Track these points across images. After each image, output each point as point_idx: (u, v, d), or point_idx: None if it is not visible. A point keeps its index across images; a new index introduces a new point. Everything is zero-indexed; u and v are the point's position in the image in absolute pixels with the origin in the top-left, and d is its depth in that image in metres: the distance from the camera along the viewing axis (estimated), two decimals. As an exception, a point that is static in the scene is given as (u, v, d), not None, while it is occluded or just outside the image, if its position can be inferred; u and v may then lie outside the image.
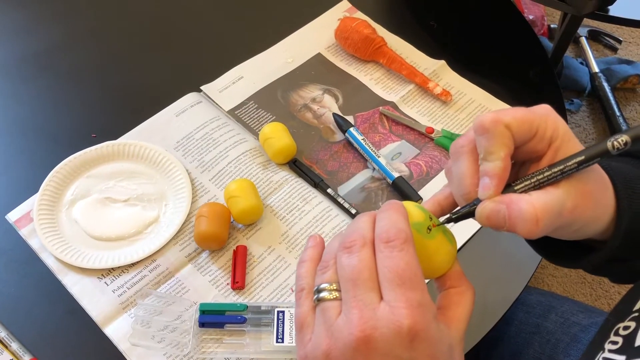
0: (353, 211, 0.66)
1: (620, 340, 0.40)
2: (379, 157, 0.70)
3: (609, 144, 0.34)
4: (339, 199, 0.67)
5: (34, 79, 0.80)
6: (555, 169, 0.36)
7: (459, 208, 0.38)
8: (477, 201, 0.37)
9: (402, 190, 0.68)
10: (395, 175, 0.68)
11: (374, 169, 0.70)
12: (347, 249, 0.35)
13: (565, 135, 0.37)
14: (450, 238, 0.39)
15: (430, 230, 0.37)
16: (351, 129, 0.72)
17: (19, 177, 0.70)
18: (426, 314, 0.32)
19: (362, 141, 0.71)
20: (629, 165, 0.42)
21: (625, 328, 0.40)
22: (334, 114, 0.75)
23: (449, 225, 0.39)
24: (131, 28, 0.86)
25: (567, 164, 0.35)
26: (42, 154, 0.72)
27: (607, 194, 0.39)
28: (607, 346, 0.40)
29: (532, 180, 0.36)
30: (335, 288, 0.34)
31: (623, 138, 0.34)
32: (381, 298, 0.33)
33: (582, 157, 0.35)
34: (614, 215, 0.39)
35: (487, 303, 0.62)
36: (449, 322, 0.36)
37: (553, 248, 0.45)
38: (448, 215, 0.39)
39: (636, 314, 0.40)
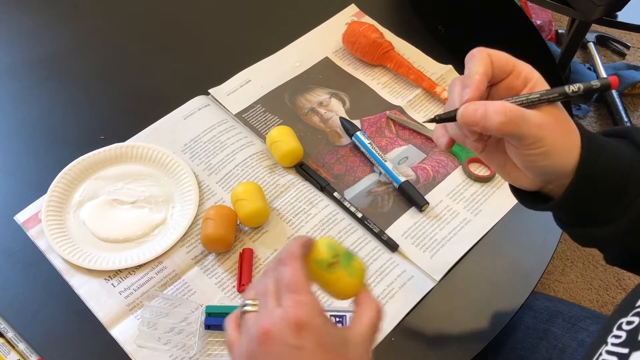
0: (359, 215, 0.66)
1: (623, 334, 0.41)
2: (385, 161, 0.70)
3: (566, 88, 0.44)
4: (345, 203, 0.67)
5: (43, 82, 0.80)
6: (531, 96, 0.44)
7: (442, 112, 0.46)
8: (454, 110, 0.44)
9: (408, 194, 0.68)
10: (402, 179, 0.68)
11: (380, 173, 0.70)
12: (264, 273, 0.43)
13: (539, 79, 0.45)
14: (353, 272, 0.45)
15: (330, 266, 0.44)
16: (358, 133, 0.72)
17: (28, 179, 0.70)
18: (311, 310, 0.40)
19: (368, 145, 0.71)
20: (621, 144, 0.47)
21: (629, 323, 0.41)
22: (341, 118, 0.75)
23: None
24: (139, 32, 0.86)
25: (536, 98, 0.43)
26: (50, 156, 0.72)
27: (573, 134, 0.45)
28: (610, 340, 0.41)
29: (512, 100, 0.44)
30: (254, 303, 0.42)
31: (577, 86, 0.44)
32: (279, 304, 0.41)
33: (547, 96, 0.43)
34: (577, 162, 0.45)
35: (493, 308, 0.62)
36: (352, 329, 0.42)
37: (528, 196, 0.50)
38: (433, 116, 0.46)
39: (639, 309, 0.41)
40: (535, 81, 0.44)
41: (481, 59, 0.44)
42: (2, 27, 0.86)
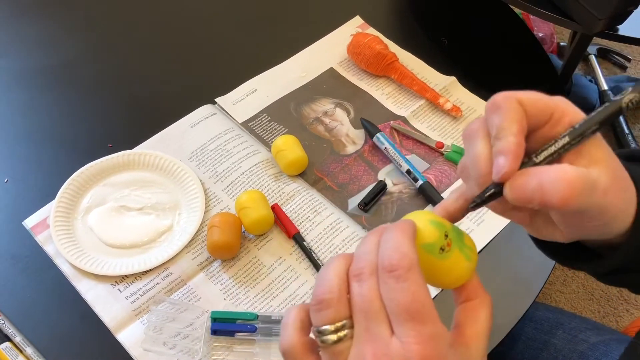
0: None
1: None
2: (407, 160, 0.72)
3: (622, 103, 0.33)
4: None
5: (52, 90, 0.81)
6: (577, 132, 0.33)
7: (478, 194, 0.35)
8: (493, 185, 0.34)
9: (428, 194, 0.69)
10: (422, 181, 0.70)
11: (402, 171, 0.72)
12: (356, 277, 0.32)
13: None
14: (468, 254, 0.36)
15: (443, 250, 0.34)
16: (379, 134, 0.74)
17: (37, 185, 0.71)
18: (439, 346, 0.30)
19: (396, 143, 0.74)
20: None
21: None
22: (362, 119, 0.76)
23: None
24: (148, 41, 0.88)
25: (588, 124, 0.33)
26: (59, 162, 0.73)
27: (631, 187, 0.37)
28: None
29: (555, 147, 0.33)
30: (339, 326, 0.32)
31: (633, 95, 0.33)
32: (392, 330, 0.31)
33: (601, 117, 0.33)
34: (634, 214, 0.37)
35: (494, 318, 0.62)
36: (467, 341, 0.34)
37: (565, 252, 0.43)
38: (470, 205, 0.35)
39: None
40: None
41: (512, 112, 0.33)
42: (13, 35, 0.88)
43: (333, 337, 0.32)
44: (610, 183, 0.34)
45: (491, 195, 0.34)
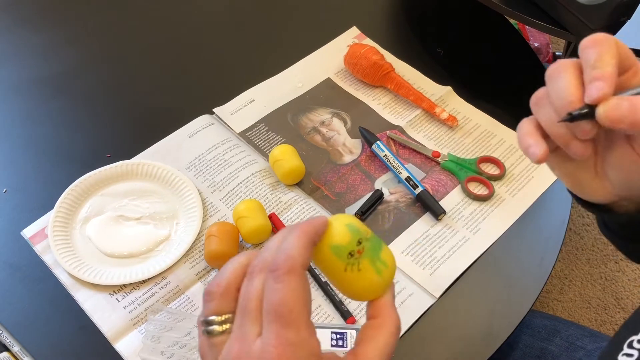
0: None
1: (636, 353, 0.39)
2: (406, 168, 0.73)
3: None
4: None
5: (51, 100, 0.82)
6: None
7: (578, 109, 0.37)
8: (587, 106, 0.36)
9: (426, 203, 0.70)
10: (421, 188, 0.71)
11: (400, 179, 0.72)
12: (249, 274, 0.33)
13: None
14: (380, 268, 0.34)
15: (352, 256, 0.33)
16: (378, 142, 0.74)
17: (35, 195, 0.71)
18: (298, 354, 0.30)
19: (393, 152, 0.74)
20: None
21: None
22: (360, 128, 0.76)
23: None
24: (146, 52, 0.88)
25: None
26: (58, 173, 0.73)
27: None
28: (621, 358, 0.40)
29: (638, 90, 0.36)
30: (223, 319, 0.33)
31: None
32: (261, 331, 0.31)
33: None
34: None
35: (491, 326, 0.62)
36: (357, 352, 0.33)
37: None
38: (566, 115, 0.37)
39: None
40: None
41: (612, 49, 0.36)
42: (11, 46, 0.89)
43: (218, 328, 0.33)
44: None
45: (584, 114, 0.36)
